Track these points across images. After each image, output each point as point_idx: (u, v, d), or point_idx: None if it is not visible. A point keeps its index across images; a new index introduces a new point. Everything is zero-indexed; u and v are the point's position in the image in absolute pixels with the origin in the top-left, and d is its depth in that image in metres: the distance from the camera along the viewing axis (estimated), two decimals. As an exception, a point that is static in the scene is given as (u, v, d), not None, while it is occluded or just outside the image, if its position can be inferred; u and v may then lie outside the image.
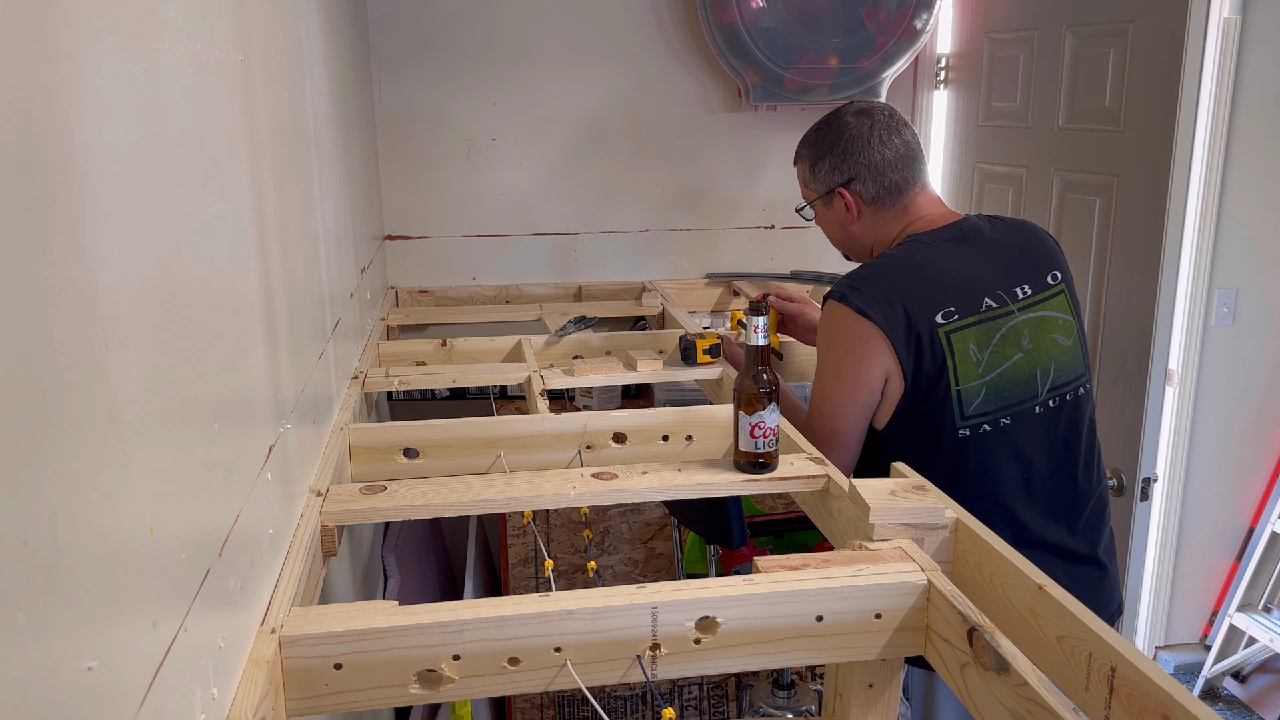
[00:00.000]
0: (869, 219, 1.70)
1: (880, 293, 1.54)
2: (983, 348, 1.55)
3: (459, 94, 2.77)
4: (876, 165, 1.66)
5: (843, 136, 1.68)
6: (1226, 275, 2.89)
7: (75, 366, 0.57)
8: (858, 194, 1.68)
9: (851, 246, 1.77)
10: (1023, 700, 0.87)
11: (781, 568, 1.09)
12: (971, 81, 2.80)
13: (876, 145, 1.66)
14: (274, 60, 1.22)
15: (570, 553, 2.57)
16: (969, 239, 1.64)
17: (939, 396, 1.53)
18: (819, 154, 1.71)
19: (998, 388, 1.55)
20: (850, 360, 1.55)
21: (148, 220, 0.70)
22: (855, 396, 1.56)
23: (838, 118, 1.71)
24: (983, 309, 1.56)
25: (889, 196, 1.67)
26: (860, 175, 1.67)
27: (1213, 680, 3.02)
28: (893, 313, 1.53)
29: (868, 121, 1.67)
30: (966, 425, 1.55)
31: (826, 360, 1.60)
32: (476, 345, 2.13)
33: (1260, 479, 3.05)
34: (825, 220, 1.77)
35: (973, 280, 1.58)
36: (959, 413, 1.54)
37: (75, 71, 0.59)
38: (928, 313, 1.53)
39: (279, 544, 1.08)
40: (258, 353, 1.03)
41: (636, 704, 2.57)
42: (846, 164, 1.67)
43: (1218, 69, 2.73)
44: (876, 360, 1.53)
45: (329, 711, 0.97)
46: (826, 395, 1.58)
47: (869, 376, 1.54)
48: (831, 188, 1.70)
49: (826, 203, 1.73)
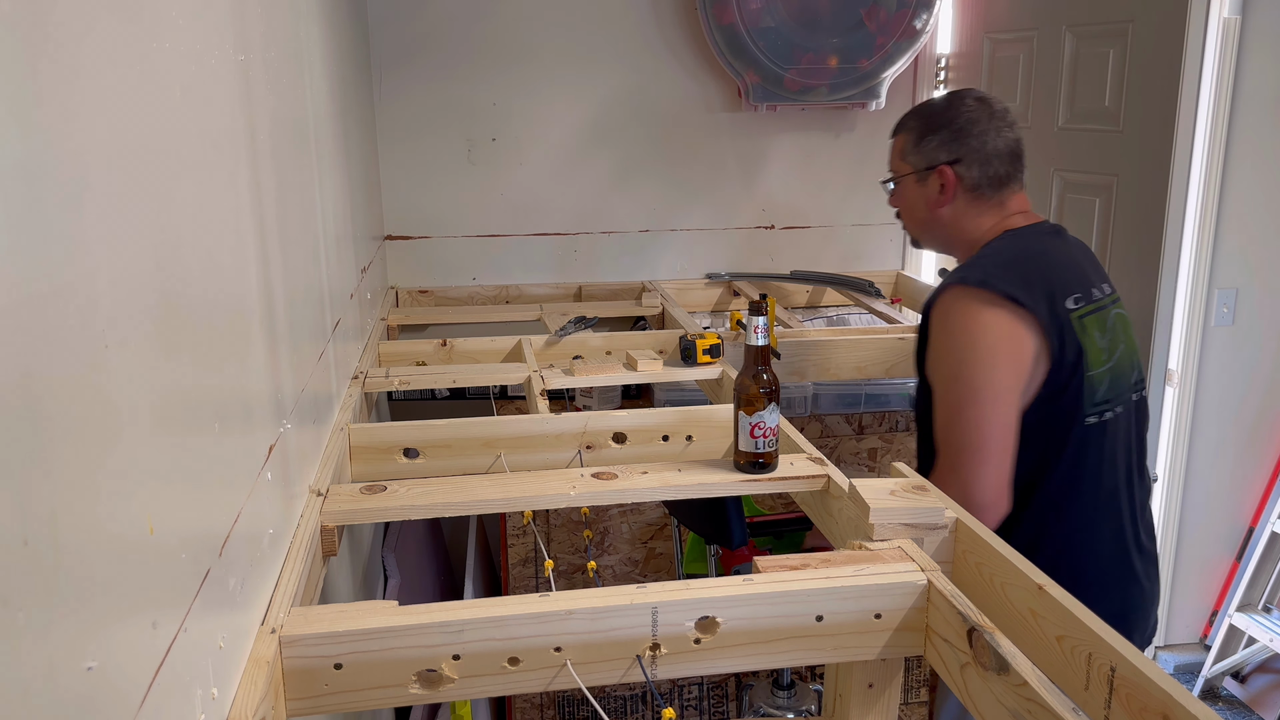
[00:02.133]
0: (962, 205, 1.65)
1: (1018, 276, 1.51)
2: (1103, 335, 1.54)
3: (459, 94, 2.77)
4: (986, 153, 1.62)
5: (960, 117, 1.64)
6: (1226, 275, 2.88)
7: (75, 366, 0.57)
8: (959, 176, 1.63)
9: (933, 231, 1.72)
10: (1023, 700, 0.87)
11: (781, 568, 1.09)
12: (971, 81, 2.80)
13: (992, 134, 1.62)
14: (274, 60, 1.22)
15: (570, 553, 2.57)
16: (1061, 235, 1.65)
17: (1076, 383, 1.50)
18: (930, 128, 1.66)
19: (1114, 376, 1.55)
20: (1006, 344, 1.48)
21: (147, 220, 0.70)
22: (1017, 382, 1.49)
23: (957, 98, 1.67)
24: (1094, 298, 1.56)
25: (989, 187, 1.64)
26: (968, 158, 1.63)
27: (1212, 680, 3.02)
28: (1036, 296, 1.49)
29: (986, 109, 1.64)
30: (1094, 412, 1.53)
31: (975, 349, 1.50)
32: (476, 345, 2.13)
33: (1260, 479, 3.05)
34: (911, 197, 1.71)
35: (1081, 270, 1.58)
36: (1089, 399, 1.52)
37: (75, 71, 0.59)
38: (1062, 297, 1.51)
39: (279, 544, 1.08)
40: (257, 353, 1.03)
41: (636, 704, 2.57)
42: (958, 144, 1.63)
43: (1217, 69, 2.73)
44: (1028, 344, 1.49)
45: (329, 711, 0.97)
46: (984, 384, 1.48)
47: (1026, 356, 1.49)
48: (935, 164, 1.65)
49: (922, 179, 1.67)
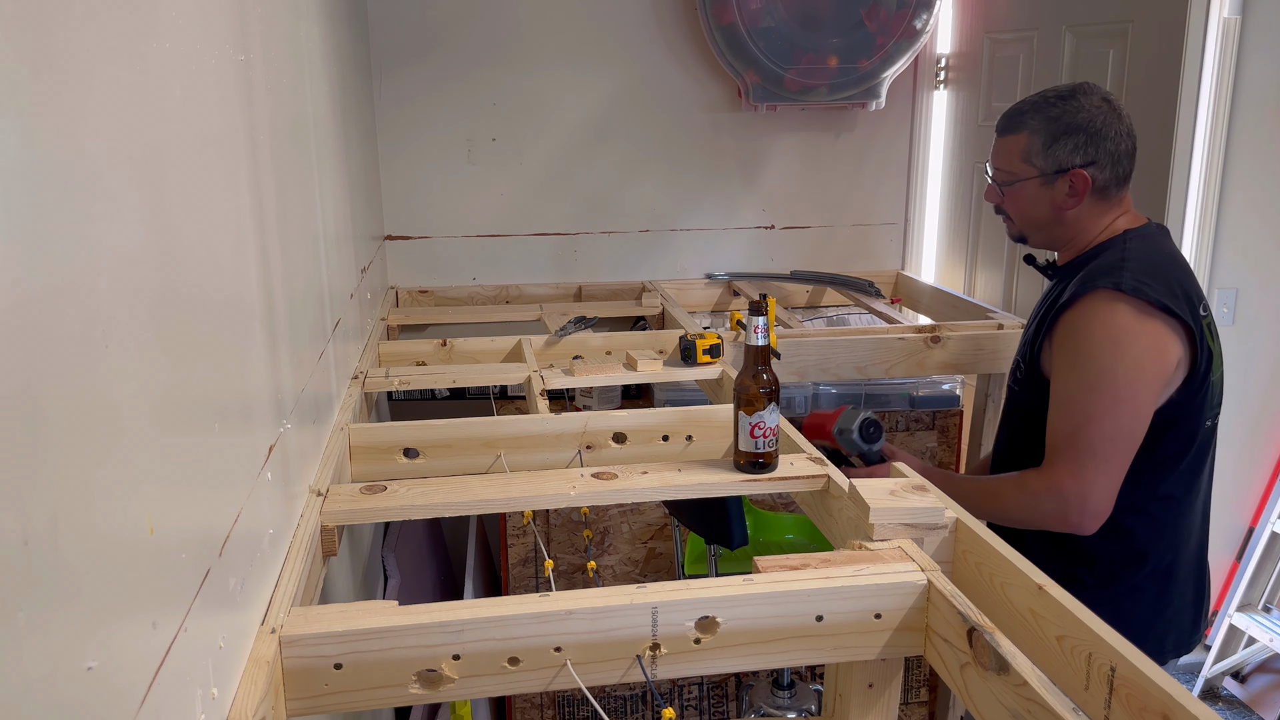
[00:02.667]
0: (1089, 206, 1.65)
1: (1164, 284, 1.52)
2: (1216, 341, 1.58)
3: (459, 94, 2.77)
4: (1117, 154, 1.62)
5: (1093, 118, 1.62)
6: (1226, 275, 2.88)
7: (75, 366, 0.57)
8: (1093, 179, 1.62)
9: (1052, 231, 1.71)
10: (1023, 700, 0.87)
11: (781, 568, 1.09)
12: (971, 81, 2.80)
13: (1123, 135, 1.62)
14: (274, 60, 1.22)
15: (570, 553, 2.57)
16: (1170, 238, 1.67)
17: (1205, 389, 1.54)
18: (1060, 130, 1.63)
19: (1222, 382, 1.59)
20: (1154, 354, 1.50)
21: (147, 220, 0.70)
22: (1157, 393, 1.51)
23: (1084, 96, 1.64)
24: (1207, 304, 1.59)
25: (1115, 187, 1.64)
26: (1101, 160, 1.62)
27: (1212, 680, 3.02)
28: (1181, 302, 1.51)
29: (1114, 110, 1.63)
30: (1211, 415, 1.57)
31: (1121, 357, 1.51)
32: (476, 345, 2.13)
33: (1260, 479, 3.05)
34: (1033, 199, 1.68)
35: (1195, 276, 1.61)
36: (1209, 404, 1.56)
37: (74, 71, 0.59)
38: (1197, 303, 1.54)
39: (279, 544, 1.08)
40: (258, 353, 1.03)
41: (636, 704, 2.57)
42: (1093, 146, 1.62)
43: (1217, 69, 2.73)
44: (1175, 350, 1.51)
45: (329, 711, 0.97)
46: (1126, 396, 1.50)
47: (1170, 368, 1.51)
48: (1065, 167, 1.63)
49: (1048, 181, 1.65)
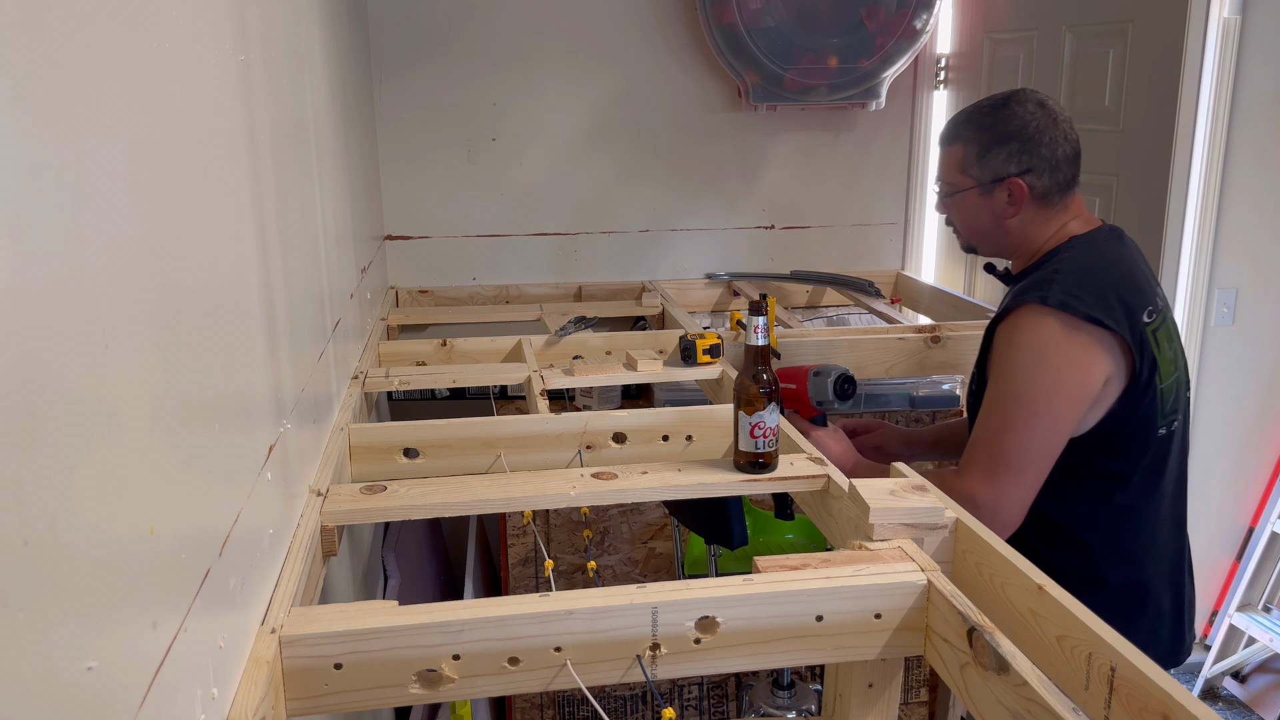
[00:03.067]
0: (1030, 214, 1.62)
1: (1096, 293, 1.49)
2: (1170, 345, 1.54)
3: (459, 94, 2.77)
4: (1055, 160, 1.58)
5: (1027, 126, 1.59)
6: (1226, 275, 2.88)
7: (75, 367, 0.57)
8: (1030, 187, 1.60)
9: (996, 241, 1.68)
10: (1023, 700, 0.87)
11: (781, 568, 1.09)
12: (971, 81, 2.80)
13: (1060, 140, 1.58)
14: (274, 60, 1.22)
15: (570, 553, 2.57)
16: (1122, 240, 1.62)
17: (1151, 396, 1.50)
18: (994, 139, 1.61)
19: (1177, 386, 1.55)
20: (1075, 368, 1.47)
21: (147, 220, 0.70)
22: (1078, 407, 1.48)
23: (1017, 103, 1.61)
24: (1159, 308, 1.55)
25: (1057, 193, 1.61)
26: (1038, 168, 1.59)
27: (1212, 680, 3.02)
28: (1116, 312, 1.48)
29: (1049, 115, 1.60)
30: (1164, 424, 1.53)
31: (1043, 370, 1.49)
32: (476, 345, 2.13)
33: (1260, 479, 3.05)
34: (973, 209, 1.66)
35: (1146, 279, 1.57)
36: (1160, 411, 1.52)
37: (74, 71, 0.59)
38: (1138, 310, 1.50)
39: (279, 544, 1.08)
40: (258, 353, 1.03)
41: (636, 704, 2.57)
42: (1027, 154, 1.59)
43: (1217, 69, 2.73)
44: (1102, 365, 1.48)
45: (329, 711, 0.97)
46: (1043, 411, 1.48)
47: (1093, 384, 1.48)
48: (1002, 177, 1.61)
49: (986, 191, 1.63)
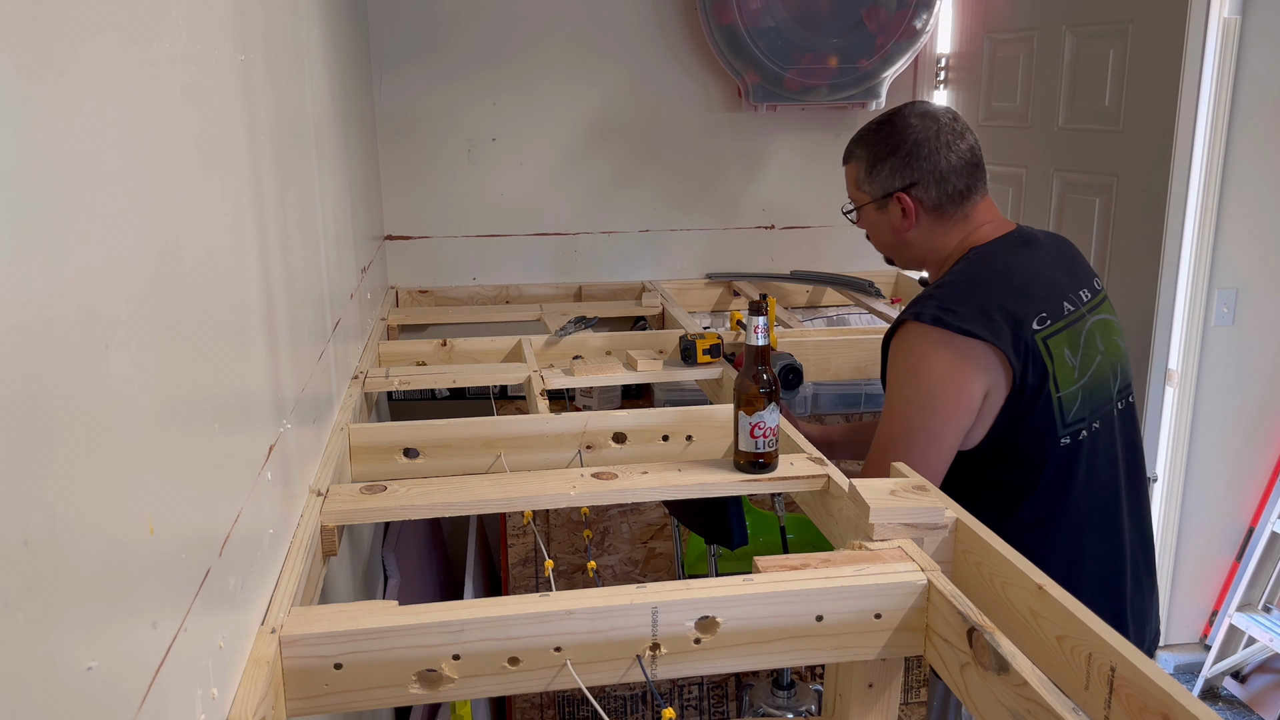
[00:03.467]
0: (926, 226, 1.62)
1: (974, 307, 1.47)
2: (1075, 351, 1.50)
3: (459, 94, 2.77)
4: (941, 172, 1.58)
5: (907, 139, 1.59)
6: (1226, 275, 2.88)
7: (75, 367, 0.57)
8: (919, 200, 1.60)
9: (903, 253, 1.70)
10: (1023, 700, 0.87)
11: (781, 568, 1.09)
12: (971, 81, 2.80)
13: (943, 150, 1.58)
14: (274, 60, 1.22)
15: (570, 553, 2.57)
16: (1030, 246, 1.59)
17: (1042, 406, 1.47)
18: (878, 155, 1.62)
19: (1090, 391, 1.51)
20: (948, 384, 1.46)
21: (147, 220, 0.70)
22: (954, 422, 1.47)
23: (899, 118, 1.62)
24: (1065, 313, 1.51)
25: (950, 204, 1.60)
26: (924, 181, 1.59)
27: (1213, 680, 3.02)
28: (994, 323, 1.46)
29: (933, 125, 1.59)
30: (1067, 433, 1.50)
31: (916, 387, 1.49)
32: (476, 345, 2.13)
33: (1260, 479, 3.05)
34: (875, 224, 1.68)
35: (1051, 284, 1.53)
36: (1060, 421, 1.49)
37: (75, 71, 0.59)
38: (1026, 320, 1.47)
39: (279, 544, 1.08)
40: (258, 353, 1.03)
41: (636, 704, 2.57)
42: (910, 168, 1.59)
43: (1218, 69, 2.73)
44: (979, 378, 1.46)
45: (329, 711, 0.97)
46: (917, 427, 1.48)
47: (971, 397, 1.46)
48: (890, 192, 1.61)
49: (881, 207, 1.64)
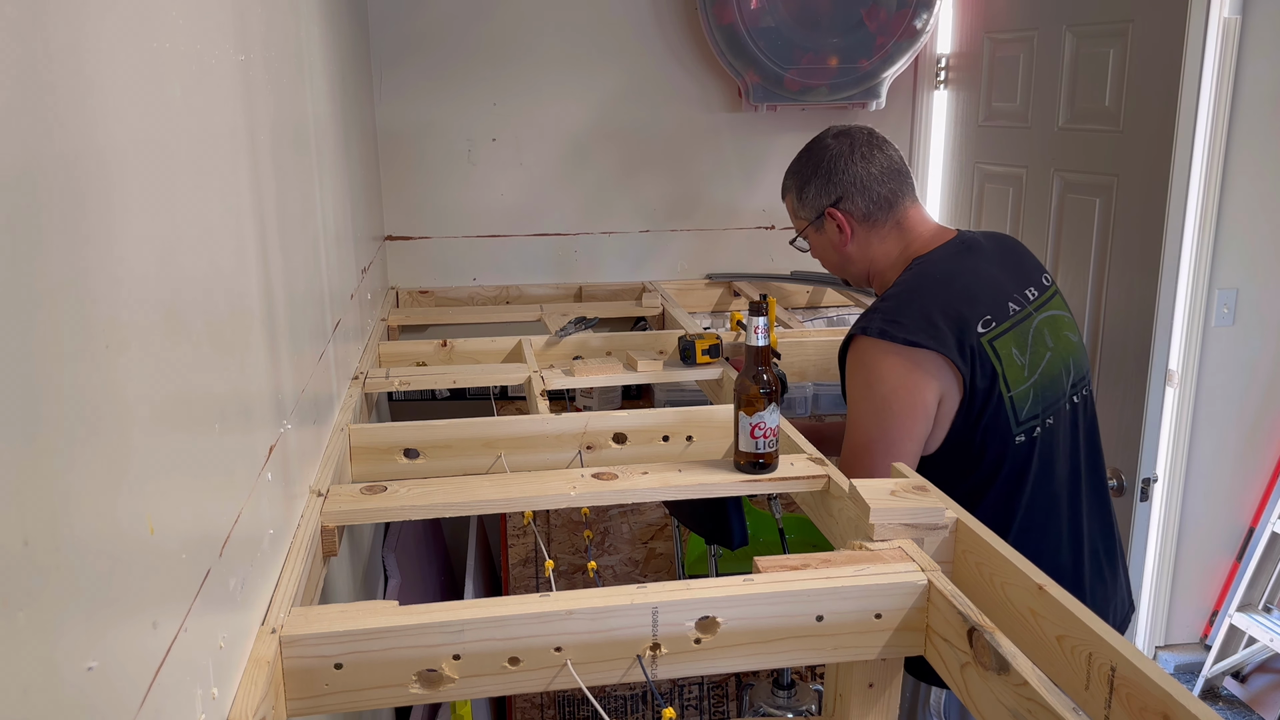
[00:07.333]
0: (863, 238, 1.68)
1: (917, 317, 1.51)
2: (1023, 351, 1.54)
3: (458, 95, 2.77)
4: (862, 181, 1.65)
5: (824, 158, 1.67)
6: (1226, 275, 2.89)
7: (75, 367, 0.57)
8: (848, 213, 1.67)
9: (849, 269, 1.74)
10: (1023, 700, 0.87)
11: (781, 568, 1.09)
12: (971, 81, 2.80)
13: (859, 161, 1.65)
14: (274, 60, 1.22)
15: (570, 553, 2.57)
16: (973, 250, 1.63)
17: (993, 407, 1.51)
18: (804, 180, 1.70)
19: (1041, 388, 1.55)
20: (901, 394, 1.50)
21: (147, 221, 0.70)
22: (911, 430, 1.50)
23: (817, 143, 1.71)
24: (1011, 314, 1.55)
25: (880, 212, 1.66)
26: (848, 193, 1.66)
27: (1213, 680, 3.02)
28: (939, 331, 1.50)
29: (847, 141, 1.67)
30: (1022, 431, 1.53)
31: (871, 399, 1.53)
32: (477, 346, 2.13)
33: (1260, 479, 3.05)
34: (820, 246, 1.75)
35: (994, 287, 1.57)
36: (1014, 420, 1.52)
37: (75, 72, 0.59)
38: (970, 324, 1.51)
39: (279, 544, 1.08)
40: (258, 353, 1.03)
41: (636, 704, 2.57)
42: (832, 184, 1.67)
43: (1218, 69, 2.73)
44: (930, 385, 1.50)
45: (329, 711, 0.97)
46: (877, 438, 1.51)
47: (925, 405, 1.50)
48: (821, 210, 1.69)
49: (818, 228, 1.71)
